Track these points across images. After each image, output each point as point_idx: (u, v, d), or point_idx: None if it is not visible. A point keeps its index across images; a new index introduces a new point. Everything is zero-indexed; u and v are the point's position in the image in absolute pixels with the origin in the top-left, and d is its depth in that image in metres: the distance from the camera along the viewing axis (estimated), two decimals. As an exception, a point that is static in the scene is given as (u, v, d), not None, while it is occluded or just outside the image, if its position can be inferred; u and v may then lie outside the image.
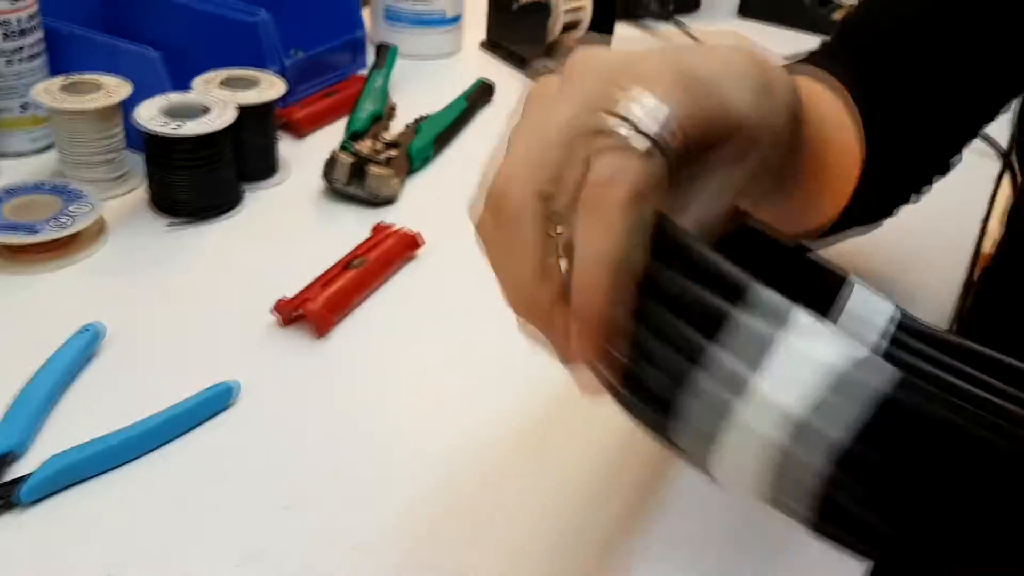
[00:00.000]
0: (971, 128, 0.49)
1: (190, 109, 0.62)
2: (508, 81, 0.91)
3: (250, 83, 0.67)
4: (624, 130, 0.28)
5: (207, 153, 0.60)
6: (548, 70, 0.32)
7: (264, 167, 0.68)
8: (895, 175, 0.49)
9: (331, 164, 0.66)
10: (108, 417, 0.46)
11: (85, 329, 0.50)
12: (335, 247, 0.60)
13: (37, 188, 0.60)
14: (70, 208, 0.58)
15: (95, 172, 0.63)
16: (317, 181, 0.67)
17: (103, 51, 0.67)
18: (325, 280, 0.56)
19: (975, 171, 0.61)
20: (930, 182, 0.53)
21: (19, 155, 0.69)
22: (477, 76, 0.86)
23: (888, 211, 0.53)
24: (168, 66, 0.67)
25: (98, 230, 0.60)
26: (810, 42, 0.54)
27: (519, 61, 0.93)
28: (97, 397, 0.49)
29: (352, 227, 0.63)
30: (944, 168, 0.52)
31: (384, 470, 0.46)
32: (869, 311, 0.34)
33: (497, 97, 0.87)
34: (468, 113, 0.80)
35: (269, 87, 0.66)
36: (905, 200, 0.53)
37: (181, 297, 0.57)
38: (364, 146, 0.68)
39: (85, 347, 0.50)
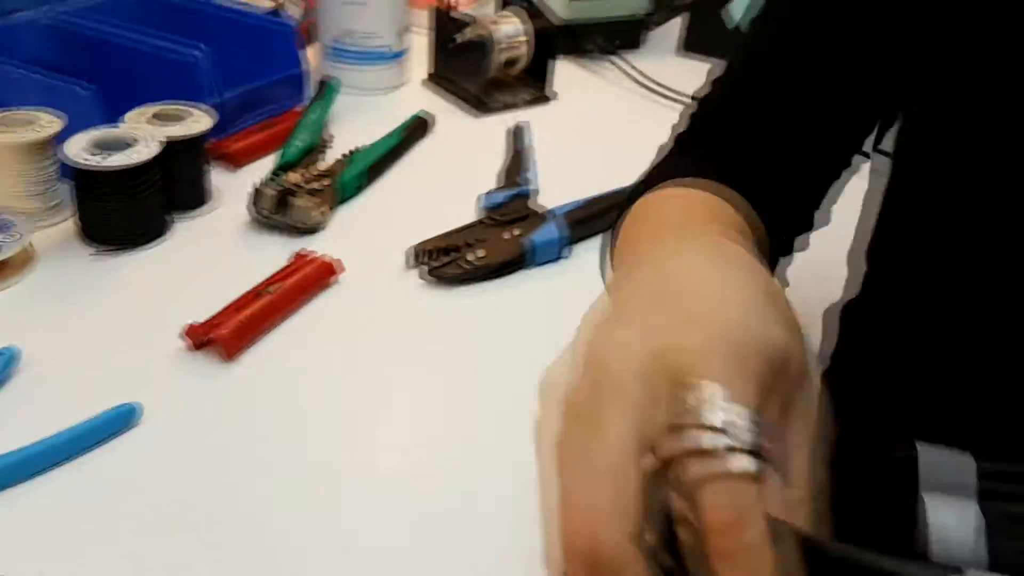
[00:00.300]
0: (829, 180, 0.52)
1: (117, 142, 0.64)
2: (450, 114, 0.94)
3: (180, 117, 0.70)
4: (718, 444, 0.24)
5: (131, 184, 0.63)
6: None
7: (194, 197, 0.70)
8: (776, 244, 0.51)
9: (256, 194, 0.68)
10: (15, 437, 0.48)
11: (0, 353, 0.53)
12: (256, 275, 0.63)
13: (-31, 217, 0.63)
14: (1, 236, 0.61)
15: (27, 203, 0.66)
16: (246, 211, 0.70)
17: (40, 87, 0.70)
18: (237, 306, 0.58)
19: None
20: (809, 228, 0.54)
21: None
22: (419, 109, 0.89)
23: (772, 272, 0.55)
24: (110, 101, 0.70)
25: (26, 258, 0.63)
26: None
27: (462, 95, 0.97)
28: (4, 419, 0.51)
29: (275, 255, 0.66)
30: (810, 223, 0.54)
31: (283, 494, 0.49)
32: None
33: (437, 129, 0.90)
34: (403, 145, 0.83)
35: (197, 121, 0.69)
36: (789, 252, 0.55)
37: (99, 323, 0.59)
38: (292, 177, 0.71)
39: (-1, 370, 0.52)
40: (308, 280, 0.62)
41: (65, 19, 0.81)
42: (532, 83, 0.99)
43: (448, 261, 0.67)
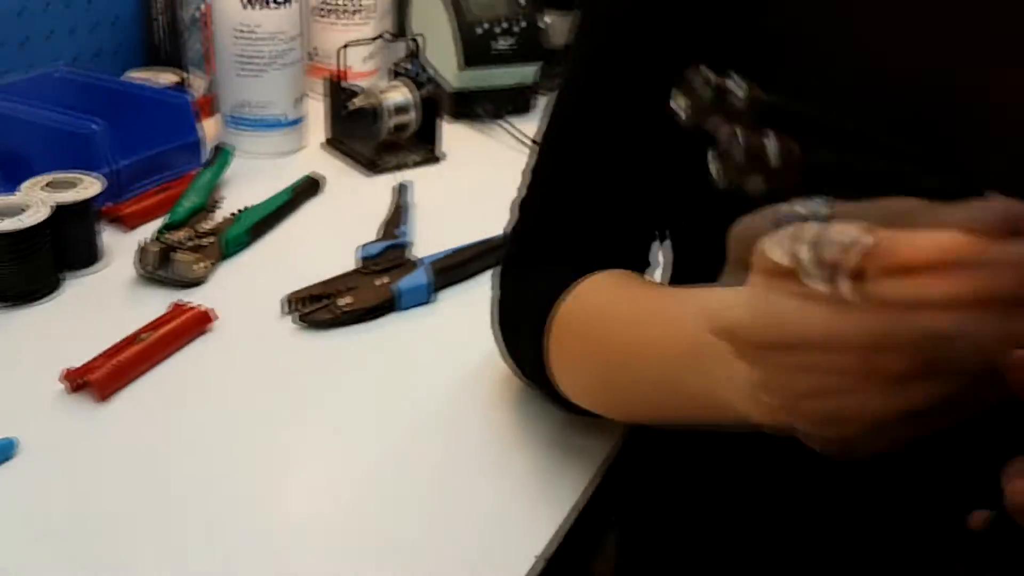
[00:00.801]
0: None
1: (11, 209, 0.71)
2: (344, 175, 1.02)
3: (72, 184, 0.76)
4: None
5: (21, 246, 0.69)
6: None
7: (85, 257, 0.77)
8: None
9: (141, 252, 0.75)
10: None
11: None
12: (137, 325, 0.69)
13: None
14: None
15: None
16: (133, 268, 0.76)
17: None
18: (112, 352, 0.64)
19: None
20: None
21: None
22: (311, 171, 0.96)
23: None
24: (11, 173, 0.77)
25: (-78, 315, 0.68)
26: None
27: (356, 157, 1.04)
28: None
29: (158, 307, 0.72)
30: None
31: (150, 527, 0.54)
32: None
33: (330, 189, 0.97)
34: (292, 204, 0.90)
35: (88, 187, 0.76)
36: None
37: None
38: (177, 235, 0.78)
39: None
40: (181, 328, 0.68)
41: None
42: (422, 145, 1.07)
43: (319, 307, 0.74)
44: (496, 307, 0.62)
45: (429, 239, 0.86)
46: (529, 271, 0.60)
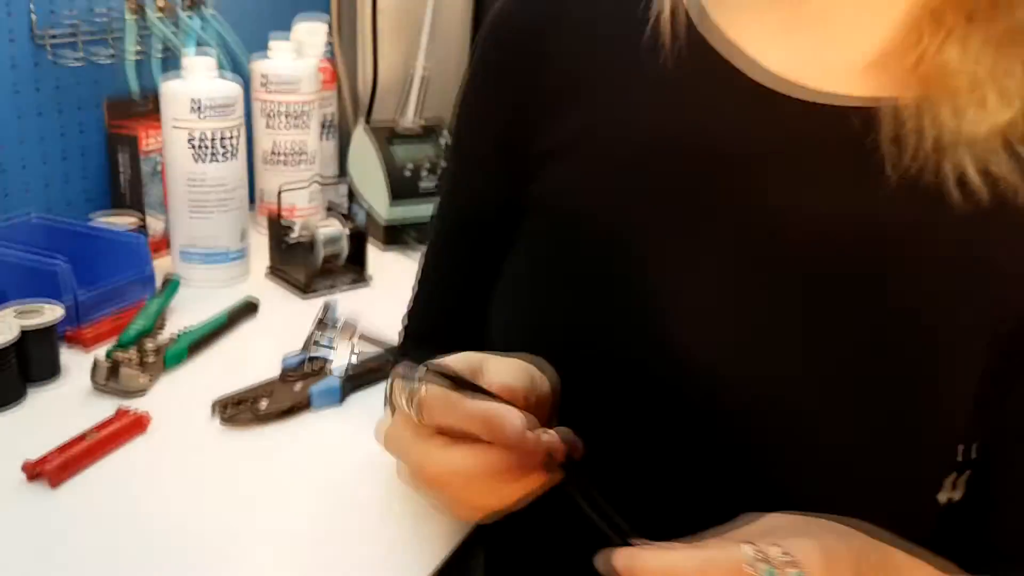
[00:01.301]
0: None
1: (-17, 332, 0.85)
2: (282, 298, 1.17)
3: (38, 311, 0.91)
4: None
5: (-8, 363, 0.84)
6: None
7: (47, 372, 0.91)
8: None
9: (94, 367, 0.89)
10: None
11: None
12: (87, 426, 0.82)
13: None
14: None
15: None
16: (88, 381, 0.91)
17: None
18: (64, 447, 0.78)
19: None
20: None
21: None
22: (250, 295, 1.12)
23: None
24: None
25: (-94, 424, 0.82)
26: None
27: (294, 282, 1.20)
28: None
29: (106, 412, 0.86)
30: None
31: None
32: None
33: (268, 311, 1.12)
34: (229, 325, 1.05)
35: (50, 314, 0.91)
36: None
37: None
38: (126, 354, 0.92)
39: None
40: (123, 429, 0.82)
41: (-41, 242, 1.03)
42: (354, 270, 1.23)
43: (241, 410, 0.88)
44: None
45: (348, 350, 1.00)
46: (407, 353, 0.74)
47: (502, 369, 0.50)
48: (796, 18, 0.56)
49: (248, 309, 1.09)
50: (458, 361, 0.51)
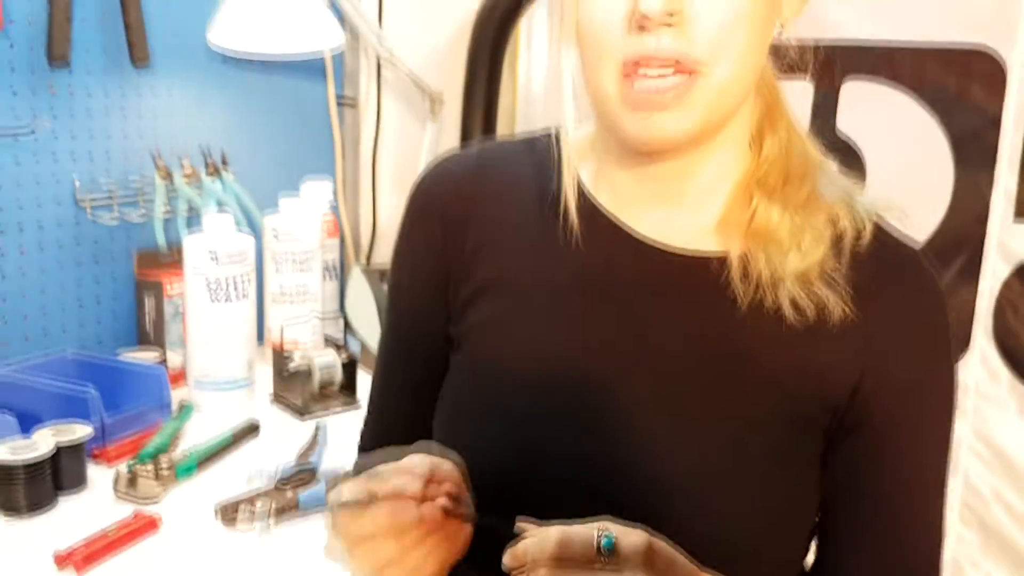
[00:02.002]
0: None
1: (25, 447, 1.01)
2: (282, 420, 1.33)
3: (70, 431, 1.07)
4: None
5: (31, 473, 0.99)
6: None
7: (76, 482, 1.06)
8: None
9: (116, 478, 1.05)
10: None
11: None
12: (109, 526, 0.97)
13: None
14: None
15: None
16: (112, 490, 1.06)
17: (-20, 418, 1.08)
18: (89, 542, 0.93)
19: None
20: None
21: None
22: (254, 417, 1.28)
23: None
24: (28, 422, 1.08)
25: (-43, 525, 0.97)
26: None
27: (292, 406, 1.36)
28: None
29: (125, 515, 1.01)
30: None
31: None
32: None
33: (269, 431, 1.28)
34: (233, 442, 1.21)
35: (81, 432, 1.07)
36: None
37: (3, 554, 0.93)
38: (143, 466, 1.08)
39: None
40: (139, 528, 0.97)
41: (10, 374, 1.21)
42: (346, 395, 1.39)
43: (240, 511, 1.02)
44: None
45: (336, 462, 1.15)
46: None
47: (406, 464, 0.65)
48: (658, 197, 0.73)
49: (250, 430, 1.25)
50: (378, 455, 0.66)
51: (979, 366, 1.49)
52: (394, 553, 0.64)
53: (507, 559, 0.60)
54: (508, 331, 0.75)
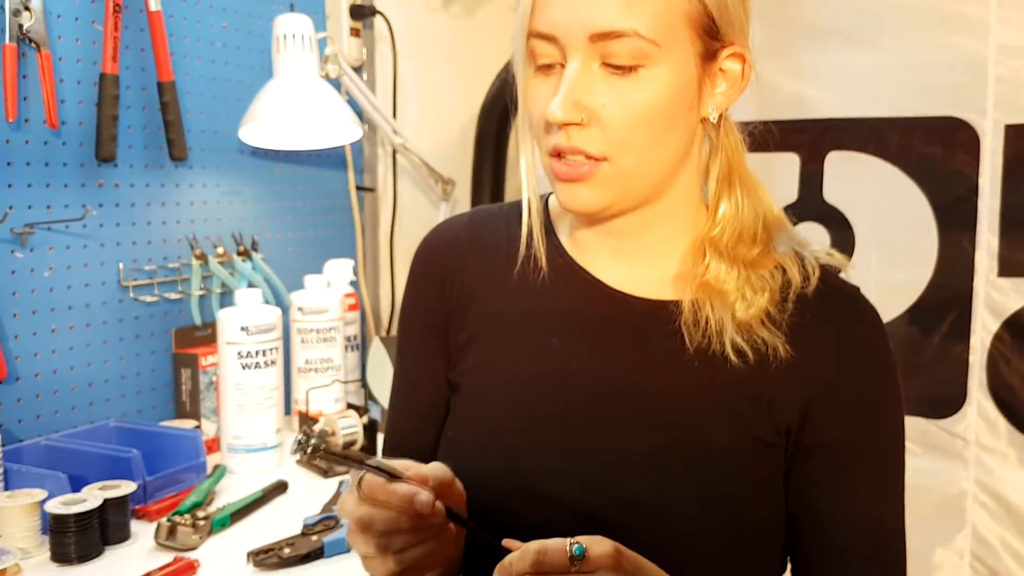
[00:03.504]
0: None
1: (74, 501, 1.12)
2: (307, 481, 1.42)
3: (115, 487, 1.18)
4: None
5: (80, 524, 1.10)
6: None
7: (120, 535, 1.16)
8: None
9: (157, 528, 1.15)
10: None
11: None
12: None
13: (-15, 553, 1.08)
14: (1, 558, 1.06)
15: (24, 541, 1.11)
16: (153, 540, 1.16)
17: (36, 475, 1.19)
18: (133, 583, 1.02)
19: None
20: None
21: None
22: (282, 477, 1.38)
23: None
24: (78, 482, 1.19)
25: (16, 570, 1.07)
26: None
27: (319, 469, 1.45)
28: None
29: (166, 561, 1.10)
30: None
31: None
32: None
33: (295, 490, 1.37)
34: (263, 499, 1.31)
35: (126, 488, 1.17)
36: None
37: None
38: (182, 519, 1.18)
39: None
40: (178, 570, 1.07)
41: (58, 440, 1.32)
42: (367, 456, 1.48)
43: (270, 556, 1.12)
44: None
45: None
46: None
47: (424, 467, 0.74)
48: (618, 252, 0.85)
49: (279, 488, 1.35)
50: (396, 461, 0.75)
51: (977, 419, 1.56)
52: (407, 541, 0.71)
53: (497, 574, 0.69)
54: (496, 370, 0.85)
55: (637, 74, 0.75)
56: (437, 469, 0.74)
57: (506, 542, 0.70)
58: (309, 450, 0.68)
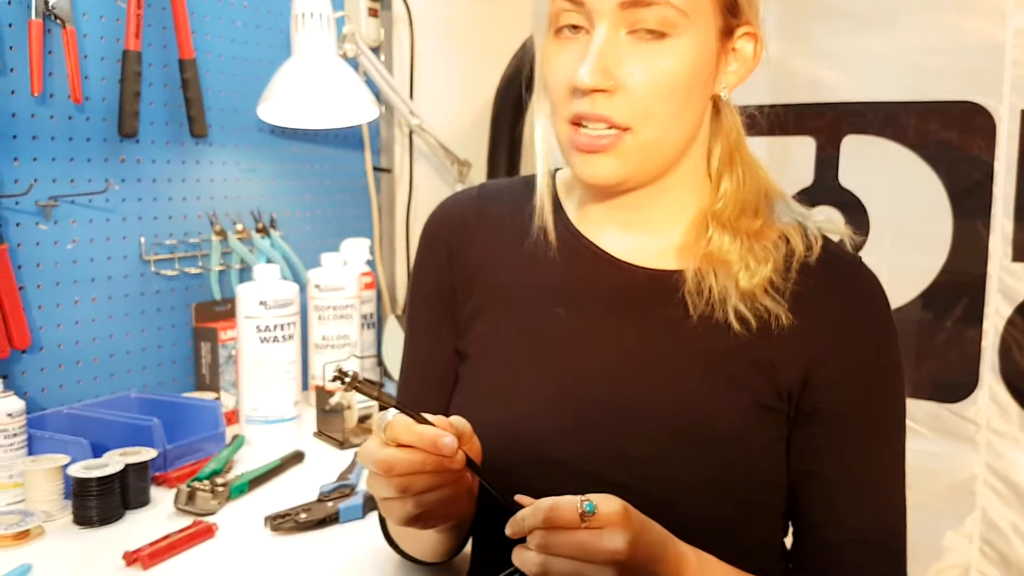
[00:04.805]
0: None
1: (97, 465, 1.15)
2: (324, 451, 1.45)
3: (137, 453, 1.20)
4: None
5: (102, 487, 1.12)
6: None
7: (141, 499, 1.19)
8: None
9: (177, 493, 1.17)
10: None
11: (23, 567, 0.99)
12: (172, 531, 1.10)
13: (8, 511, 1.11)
14: (24, 520, 1.09)
15: (47, 505, 1.14)
16: (173, 506, 1.18)
17: (59, 441, 1.22)
18: (155, 543, 1.05)
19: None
20: None
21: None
22: (298, 448, 1.40)
23: None
24: (100, 448, 1.21)
25: (40, 531, 1.10)
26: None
27: (332, 439, 1.48)
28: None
29: (185, 524, 1.13)
30: None
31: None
32: None
33: (311, 460, 1.40)
34: (281, 467, 1.33)
35: (146, 454, 1.20)
36: None
37: (76, 556, 1.05)
38: (201, 484, 1.20)
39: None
40: (197, 533, 1.09)
41: (80, 409, 1.35)
42: (383, 431, 1.51)
43: (286, 520, 1.14)
44: None
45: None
46: None
47: (447, 418, 0.76)
48: (626, 224, 0.86)
49: (296, 458, 1.37)
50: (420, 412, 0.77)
51: (989, 403, 1.57)
52: (427, 483, 0.72)
53: (508, 528, 0.71)
54: (503, 339, 0.87)
55: (663, 43, 0.76)
56: (458, 420, 0.75)
57: (518, 498, 0.72)
58: (348, 379, 0.70)
